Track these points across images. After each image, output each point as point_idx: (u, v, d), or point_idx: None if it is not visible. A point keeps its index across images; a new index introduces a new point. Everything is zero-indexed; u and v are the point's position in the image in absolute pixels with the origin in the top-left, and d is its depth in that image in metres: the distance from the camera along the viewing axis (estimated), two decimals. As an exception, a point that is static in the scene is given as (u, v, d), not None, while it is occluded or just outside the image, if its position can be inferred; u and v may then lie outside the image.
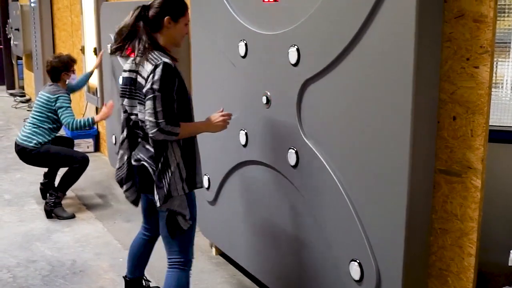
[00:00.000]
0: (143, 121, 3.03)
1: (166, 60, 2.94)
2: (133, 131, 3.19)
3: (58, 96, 5.31)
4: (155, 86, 2.88)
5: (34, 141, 5.25)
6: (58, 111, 5.28)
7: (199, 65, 4.19)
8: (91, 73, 6.37)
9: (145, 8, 3.08)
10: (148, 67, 2.95)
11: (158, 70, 2.89)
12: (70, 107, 5.34)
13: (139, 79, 3.02)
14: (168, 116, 2.88)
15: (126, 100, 3.17)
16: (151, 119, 2.88)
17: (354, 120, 2.76)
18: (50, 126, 5.34)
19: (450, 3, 2.51)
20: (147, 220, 3.51)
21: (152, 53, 2.98)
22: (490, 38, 2.38)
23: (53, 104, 5.30)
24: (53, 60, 5.50)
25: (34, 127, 5.30)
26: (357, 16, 2.63)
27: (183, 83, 3.02)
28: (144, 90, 2.94)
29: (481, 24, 2.40)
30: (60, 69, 5.45)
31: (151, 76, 2.90)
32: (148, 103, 2.89)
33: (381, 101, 2.59)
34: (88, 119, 5.39)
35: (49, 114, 5.32)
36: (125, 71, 3.17)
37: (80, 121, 5.30)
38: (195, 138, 3.18)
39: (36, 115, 5.35)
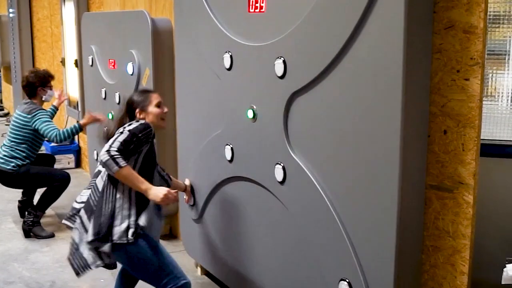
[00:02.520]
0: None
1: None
2: None
3: (35, 114, 5.23)
4: (127, 128, 3.21)
5: (12, 164, 5.18)
6: (39, 127, 5.20)
7: (183, 78, 4.20)
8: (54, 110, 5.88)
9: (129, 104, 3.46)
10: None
11: (137, 123, 3.25)
12: (50, 120, 5.28)
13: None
14: (122, 150, 3.12)
15: None
16: (108, 143, 3.14)
17: (343, 134, 2.77)
18: (29, 148, 5.27)
19: (439, 13, 2.54)
20: None
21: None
22: (481, 50, 2.42)
23: (31, 124, 5.22)
24: (29, 75, 5.44)
25: (12, 150, 5.22)
26: (345, 27, 2.66)
27: (153, 150, 3.34)
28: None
29: (471, 35, 2.44)
30: (36, 84, 5.37)
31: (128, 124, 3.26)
32: (113, 137, 3.19)
33: (370, 114, 2.61)
34: (74, 126, 5.31)
35: (27, 135, 5.25)
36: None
37: (66, 131, 5.22)
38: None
39: (13, 137, 5.27)
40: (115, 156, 3.07)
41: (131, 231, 3.15)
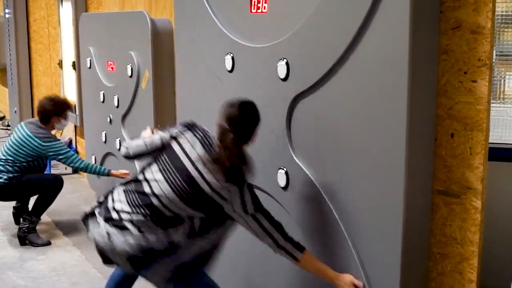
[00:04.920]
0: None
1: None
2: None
3: (50, 145, 5.23)
4: (250, 206, 2.92)
5: (5, 176, 5.19)
6: (60, 157, 5.26)
7: (184, 80, 4.22)
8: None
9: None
10: (221, 181, 2.87)
11: (246, 191, 2.92)
12: (68, 150, 5.32)
13: (203, 185, 2.88)
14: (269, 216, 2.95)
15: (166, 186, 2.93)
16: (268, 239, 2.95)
17: (347, 138, 2.80)
18: (28, 166, 5.27)
19: (446, 13, 2.56)
20: None
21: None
22: (488, 51, 2.44)
23: (43, 151, 5.22)
24: (46, 102, 5.39)
25: (10, 164, 5.21)
26: (349, 28, 2.68)
27: None
28: (232, 210, 2.94)
29: (478, 36, 2.46)
30: (51, 113, 5.34)
31: (233, 195, 2.90)
32: (254, 225, 2.95)
33: (375, 117, 2.63)
34: (104, 170, 5.37)
35: (31, 156, 5.23)
36: (184, 151, 3.03)
37: (95, 168, 5.36)
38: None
39: (14, 152, 5.24)
40: (288, 250, 2.92)
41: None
